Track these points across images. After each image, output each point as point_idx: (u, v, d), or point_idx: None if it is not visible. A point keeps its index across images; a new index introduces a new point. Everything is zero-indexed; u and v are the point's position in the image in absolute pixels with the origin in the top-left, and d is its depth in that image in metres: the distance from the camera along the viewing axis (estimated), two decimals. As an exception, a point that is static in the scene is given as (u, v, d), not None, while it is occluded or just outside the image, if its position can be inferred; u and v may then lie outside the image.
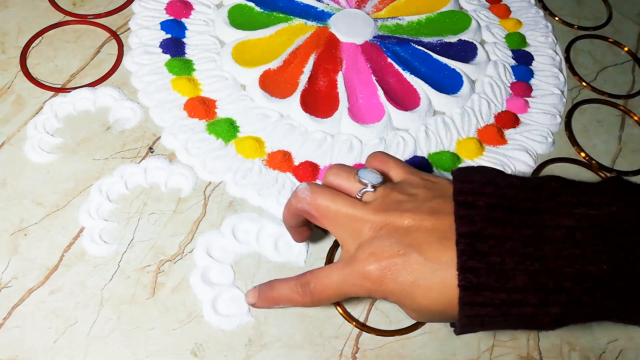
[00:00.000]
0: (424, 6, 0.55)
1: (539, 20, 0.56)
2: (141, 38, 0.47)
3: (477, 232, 0.26)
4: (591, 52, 0.55)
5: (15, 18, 0.47)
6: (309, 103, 0.46)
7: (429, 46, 0.51)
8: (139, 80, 0.45)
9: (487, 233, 0.25)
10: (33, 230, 0.37)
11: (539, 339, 0.37)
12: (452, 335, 0.36)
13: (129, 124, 0.43)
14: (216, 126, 0.43)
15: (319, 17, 0.52)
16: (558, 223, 0.25)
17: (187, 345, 0.34)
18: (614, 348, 0.38)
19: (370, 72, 0.49)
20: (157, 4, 0.50)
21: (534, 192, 0.27)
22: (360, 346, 0.36)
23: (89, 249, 0.37)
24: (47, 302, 0.35)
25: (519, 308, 0.25)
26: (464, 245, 0.25)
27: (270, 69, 0.47)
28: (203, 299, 0.36)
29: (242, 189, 0.40)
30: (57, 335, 0.34)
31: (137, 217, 0.39)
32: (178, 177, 0.40)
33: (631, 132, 0.50)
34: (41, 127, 0.41)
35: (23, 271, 0.36)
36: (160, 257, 0.37)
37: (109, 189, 0.39)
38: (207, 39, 0.48)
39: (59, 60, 0.45)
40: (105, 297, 0.35)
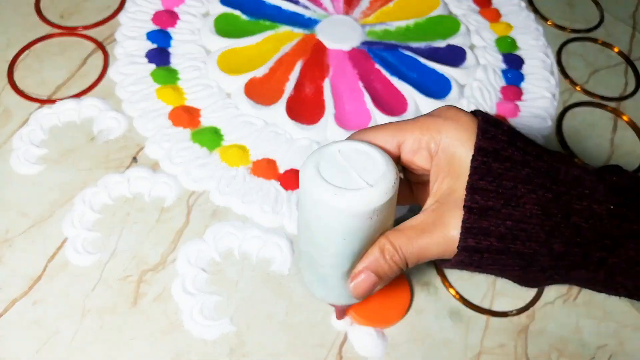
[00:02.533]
0: (413, 11, 0.55)
1: (530, 23, 0.56)
2: (127, 48, 0.47)
3: (497, 150, 0.25)
4: (583, 55, 0.55)
5: (5, 32, 0.48)
6: (295, 110, 0.45)
7: (418, 51, 0.51)
8: (123, 90, 0.45)
9: (506, 154, 0.25)
10: (17, 240, 0.38)
11: (527, 345, 0.37)
12: (439, 342, 0.36)
13: (113, 134, 0.43)
14: (200, 135, 0.43)
15: (306, 24, 0.52)
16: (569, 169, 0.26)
17: (168, 355, 0.34)
18: (604, 354, 0.37)
19: (357, 78, 0.49)
20: (143, 15, 0.50)
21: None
22: (344, 354, 0.35)
23: (72, 259, 0.37)
24: (30, 312, 0.35)
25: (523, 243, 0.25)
26: (480, 162, 0.25)
27: (256, 76, 0.47)
28: (184, 308, 0.36)
29: (226, 197, 0.40)
30: (39, 344, 0.34)
31: (121, 227, 0.39)
32: (161, 187, 0.40)
33: (623, 135, 0.49)
34: (27, 139, 0.41)
35: (7, 281, 0.36)
36: (143, 267, 0.37)
37: (92, 199, 0.39)
38: (193, 48, 0.49)
39: (46, 72, 0.46)
40: (87, 306, 0.35)
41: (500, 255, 0.25)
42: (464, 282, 0.39)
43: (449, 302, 0.38)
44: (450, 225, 0.26)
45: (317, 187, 0.24)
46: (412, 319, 0.37)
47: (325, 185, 0.24)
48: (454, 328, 0.37)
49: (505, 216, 0.25)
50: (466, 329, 0.37)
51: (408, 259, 0.27)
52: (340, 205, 0.24)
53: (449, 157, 0.26)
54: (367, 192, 0.24)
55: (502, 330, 0.37)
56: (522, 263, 0.26)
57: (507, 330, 0.37)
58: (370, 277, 0.27)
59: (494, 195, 0.25)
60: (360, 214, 0.24)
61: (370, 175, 0.25)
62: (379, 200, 0.24)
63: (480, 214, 0.25)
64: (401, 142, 0.27)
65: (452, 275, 0.39)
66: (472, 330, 0.37)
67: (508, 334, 0.37)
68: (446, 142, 0.26)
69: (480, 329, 0.37)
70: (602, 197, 0.25)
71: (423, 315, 0.37)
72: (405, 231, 0.27)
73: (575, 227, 0.25)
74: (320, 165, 0.25)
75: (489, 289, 0.39)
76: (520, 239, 0.25)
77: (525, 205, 0.25)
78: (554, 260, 0.25)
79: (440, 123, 0.26)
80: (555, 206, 0.25)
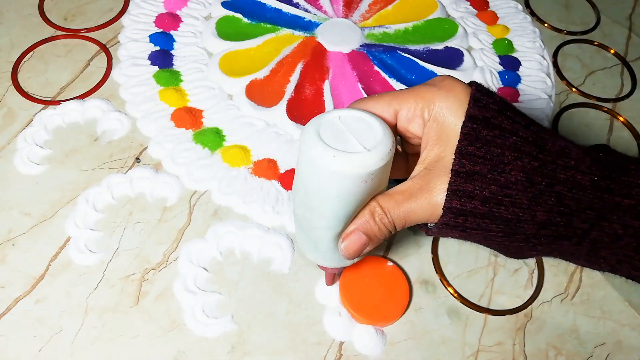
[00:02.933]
0: (411, 14, 0.55)
1: (527, 26, 0.57)
2: (130, 51, 0.48)
3: (487, 118, 0.26)
4: (579, 57, 0.55)
5: (8, 34, 0.48)
6: (295, 111, 0.46)
7: (416, 53, 0.52)
8: (127, 92, 0.45)
9: (495, 122, 0.26)
10: (21, 240, 0.38)
11: (525, 343, 0.37)
12: (437, 341, 0.36)
13: (116, 135, 0.43)
14: (202, 135, 0.44)
15: (306, 27, 0.52)
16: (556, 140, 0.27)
17: (170, 353, 0.34)
18: (601, 352, 0.37)
19: (357, 80, 0.49)
20: (146, 17, 0.51)
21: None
22: (344, 352, 0.36)
23: (75, 258, 0.37)
24: (32, 310, 0.35)
25: (507, 208, 0.25)
26: (469, 129, 0.26)
27: (257, 78, 0.48)
28: (186, 307, 0.36)
29: (227, 197, 0.41)
30: (42, 343, 0.34)
31: (123, 226, 0.39)
32: (164, 187, 0.41)
33: (620, 135, 0.50)
34: (30, 140, 0.42)
35: (10, 280, 0.36)
36: (145, 266, 0.38)
37: (95, 199, 0.40)
38: (195, 51, 0.49)
39: (50, 73, 0.46)
40: (90, 305, 0.36)
41: (484, 219, 0.26)
42: (462, 281, 0.39)
43: (448, 301, 0.38)
44: (436, 189, 0.26)
45: (317, 149, 0.25)
46: (410, 317, 0.37)
47: (325, 147, 0.25)
48: (452, 326, 0.37)
49: (491, 181, 0.25)
50: (464, 327, 0.37)
51: (396, 222, 0.28)
52: (337, 168, 0.25)
53: (439, 125, 0.27)
54: (364, 156, 0.25)
55: (500, 329, 0.38)
56: (506, 229, 0.26)
57: (505, 329, 0.38)
58: (360, 237, 0.28)
59: (481, 161, 0.25)
60: (356, 177, 0.25)
61: (367, 141, 0.26)
62: (374, 164, 0.25)
63: (466, 178, 0.25)
64: (397, 110, 0.28)
65: (450, 274, 0.40)
66: (470, 328, 0.37)
67: (506, 332, 0.38)
68: (438, 110, 0.27)
69: (479, 327, 0.37)
70: (586, 169, 0.26)
71: (422, 314, 0.38)
72: (394, 195, 0.28)
73: (558, 196, 0.25)
74: (321, 130, 0.26)
75: (487, 288, 0.39)
76: (504, 204, 0.25)
77: (511, 171, 0.25)
78: (537, 229, 0.26)
79: (434, 92, 0.27)
80: (540, 174, 0.25)
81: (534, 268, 0.41)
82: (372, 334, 0.36)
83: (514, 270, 0.40)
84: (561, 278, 0.40)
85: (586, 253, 0.27)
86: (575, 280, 0.40)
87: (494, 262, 0.41)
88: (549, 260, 0.41)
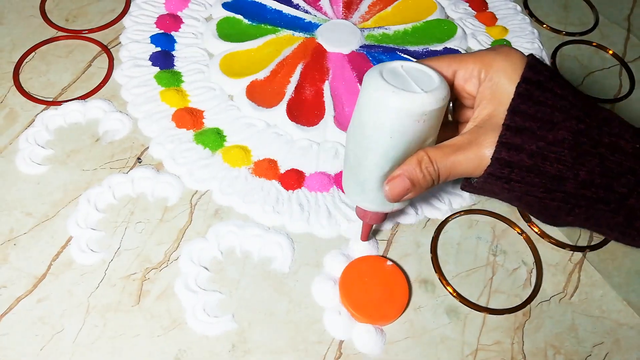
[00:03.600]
0: (410, 15, 0.56)
1: (525, 27, 0.57)
2: (131, 51, 0.48)
3: (541, 80, 0.27)
4: (578, 58, 0.56)
5: (10, 34, 0.49)
6: (295, 112, 0.46)
7: (415, 54, 0.52)
8: (128, 92, 0.46)
9: (547, 86, 0.27)
10: (22, 240, 0.38)
11: (524, 342, 0.37)
12: (436, 340, 0.37)
13: (118, 135, 0.44)
14: (203, 136, 0.44)
15: (306, 28, 0.53)
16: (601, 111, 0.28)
17: (171, 352, 0.35)
18: (600, 351, 0.38)
19: (356, 80, 0.49)
20: (147, 18, 0.51)
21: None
22: (343, 351, 0.36)
23: (76, 257, 0.38)
24: (34, 310, 0.36)
25: (552, 164, 0.27)
26: (523, 89, 0.27)
27: (257, 79, 0.48)
28: (187, 306, 0.36)
29: (228, 197, 0.41)
30: (43, 342, 0.34)
31: (124, 226, 0.39)
32: (165, 187, 0.41)
33: (618, 136, 0.50)
34: (32, 140, 0.42)
35: (12, 280, 0.37)
36: (146, 265, 0.38)
37: (97, 198, 0.40)
38: (196, 52, 0.50)
39: (51, 74, 0.47)
40: (91, 304, 0.36)
41: (529, 173, 0.27)
42: (461, 280, 0.40)
43: (447, 300, 0.39)
44: (485, 144, 0.28)
45: (378, 85, 0.28)
46: (410, 316, 0.38)
47: (385, 84, 0.28)
48: (451, 325, 0.38)
49: (539, 137, 0.27)
50: (463, 326, 0.38)
51: (441, 172, 0.29)
52: (395, 103, 0.27)
53: (494, 85, 0.29)
54: (420, 96, 0.27)
55: (498, 328, 0.38)
56: (548, 185, 0.28)
57: (504, 328, 0.38)
58: (405, 181, 0.30)
59: (532, 119, 0.27)
60: (411, 114, 0.27)
61: (425, 85, 0.28)
62: (429, 105, 0.27)
63: (516, 132, 0.27)
64: (456, 70, 0.30)
65: (449, 273, 0.40)
66: (469, 327, 0.38)
67: (505, 331, 0.38)
68: (495, 72, 0.29)
69: (477, 326, 0.38)
70: (629, 137, 0.28)
71: (421, 313, 0.38)
72: (443, 147, 0.30)
73: (601, 158, 0.27)
74: (383, 72, 0.29)
75: (485, 287, 0.40)
76: (550, 159, 0.27)
77: (559, 130, 0.27)
78: (577, 188, 0.27)
79: (492, 55, 0.29)
80: (586, 136, 0.27)
81: (533, 267, 0.41)
82: (372, 332, 0.36)
83: (512, 270, 0.41)
84: (560, 277, 0.41)
85: (622, 223, 0.28)
86: (574, 280, 0.41)
87: (493, 262, 0.41)
88: (548, 260, 0.41)
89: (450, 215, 0.43)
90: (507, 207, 0.44)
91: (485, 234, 0.42)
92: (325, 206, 0.41)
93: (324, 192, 0.42)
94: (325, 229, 0.40)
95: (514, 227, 0.43)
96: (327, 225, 0.40)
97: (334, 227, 0.40)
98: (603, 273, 0.41)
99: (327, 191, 0.42)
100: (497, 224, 0.43)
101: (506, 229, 0.43)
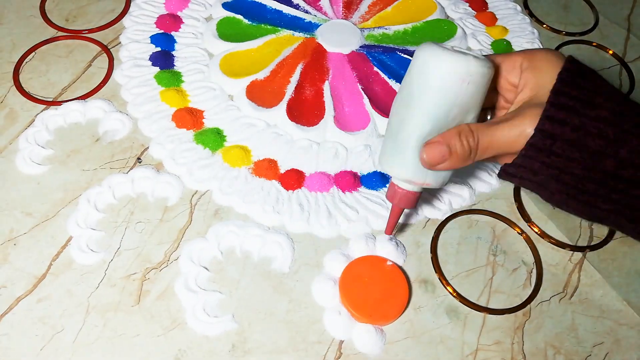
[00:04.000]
0: (410, 15, 0.56)
1: (525, 27, 0.57)
2: (131, 51, 0.48)
3: (582, 70, 0.29)
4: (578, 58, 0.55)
5: (10, 34, 0.49)
6: (295, 112, 0.46)
7: (415, 54, 0.52)
8: (128, 92, 0.46)
9: (590, 76, 0.29)
10: (22, 240, 0.38)
11: (524, 342, 0.37)
12: (436, 340, 0.37)
13: (118, 135, 0.44)
14: (203, 136, 0.44)
15: (306, 28, 0.53)
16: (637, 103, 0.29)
17: (171, 352, 0.35)
18: (600, 351, 0.38)
19: (356, 80, 0.49)
20: (147, 19, 0.51)
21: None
22: (343, 351, 0.36)
23: (76, 257, 0.38)
24: (34, 310, 0.36)
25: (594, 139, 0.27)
26: (565, 76, 0.28)
27: (257, 79, 0.48)
28: (187, 306, 0.36)
29: (228, 197, 0.41)
30: (43, 342, 0.34)
31: (124, 226, 0.39)
32: (165, 187, 0.41)
33: (618, 136, 0.50)
34: (32, 140, 0.42)
35: (12, 280, 0.37)
36: (146, 265, 0.38)
37: (97, 198, 0.40)
38: (196, 52, 0.50)
39: (51, 74, 0.47)
40: (91, 304, 0.36)
41: (570, 146, 0.28)
42: (461, 280, 0.40)
43: (447, 300, 0.39)
44: (527, 120, 0.29)
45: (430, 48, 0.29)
46: (410, 317, 0.38)
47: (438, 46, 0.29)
48: (451, 325, 0.38)
49: (582, 114, 0.28)
50: (463, 326, 0.38)
51: (480, 144, 0.30)
52: (444, 59, 0.28)
53: (537, 72, 0.30)
54: (467, 57, 0.29)
55: (498, 328, 0.38)
56: (588, 161, 0.28)
57: (504, 328, 0.38)
58: (442, 148, 0.30)
59: (575, 99, 0.28)
60: (458, 72, 0.28)
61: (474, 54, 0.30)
62: (475, 66, 0.28)
63: (560, 107, 0.28)
64: (499, 63, 0.31)
65: (449, 273, 0.40)
66: (469, 327, 0.38)
67: (504, 331, 0.38)
68: (538, 61, 0.30)
69: (477, 326, 0.38)
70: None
71: (421, 313, 0.38)
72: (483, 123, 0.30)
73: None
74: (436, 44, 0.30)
75: (485, 287, 0.40)
76: (592, 134, 0.28)
77: (601, 110, 0.28)
78: (617, 167, 0.28)
79: (535, 50, 0.31)
80: (627, 117, 0.28)
81: (533, 267, 0.41)
82: (372, 332, 0.36)
83: (512, 270, 0.41)
84: (560, 277, 0.41)
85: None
86: (574, 280, 0.41)
87: (493, 262, 0.41)
88: (548, 260, 0.41)
89: (450, 215, 0.43)
90: (507, 207, 0.44)
91: (485, 234, 0.42)
92: (325, 206, 0.41)
93: (324, 192, 0.42)
94: (325, 229, 0.40)
95: (514, 227, 0.43)
96: (327, 225, 0.40)
97: (334, 227, 0.40)
98: (603, 273, 0.41)
99: (327, 191, 0.42)
100: (497, 224, 0.43)
101: (506, 229, 0.43)
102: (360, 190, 0.43)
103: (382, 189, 0.43)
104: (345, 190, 0.42)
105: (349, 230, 0.40)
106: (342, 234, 0.41)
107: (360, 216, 0.41)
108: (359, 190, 0.43)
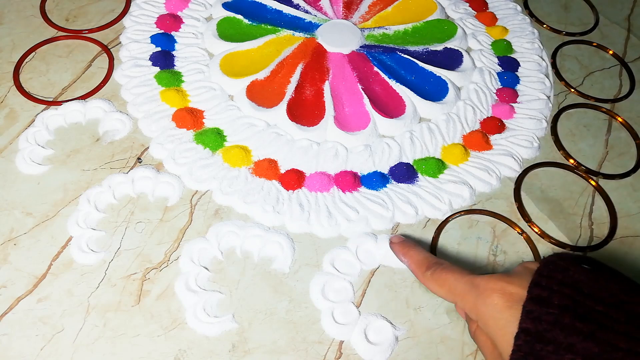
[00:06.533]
0: (411, 15, 0.56)
1: (525, 27, 0.57)
2: (131, 51, 0.48)
3: (540, 332, 0.26)
4: (578, 58, 0.56)
5: (10, 34, 0.49)
6: (296, 112, 0.46)
7: (415, 54, 0.52)
8: (128, 92, 0.46)
9: (549, 336, 0.25)
10: (22, 240, 0.38)
11: (524, 343, 0.37)
12: (435, 340, 0.37)
13: (118, 135, 0.44)
14: (203, 136, 0.44)
15: (306, 28, 0.53)
16: (616, 344, 0.25)
17: (171, 352, 0.35)
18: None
19: (357, 80, 0.49)
20: (147, 18, 0.51)
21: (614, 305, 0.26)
22: (344, 351, 0.36)
23: (76, 257, 0.38)
24: (34, 310, 0.36)
25: None
26: (522, 342, 0.26)
27: (257, 79, 0.48)
28: (187, 306, 0.36)
29: (228, 197, 0.41)
30: (44, 342, 0.34)
31: (125, 226, 0.39)
32: (165, 186, 0.41)
33: (618, 136, 0.50)
34: (32, 140, 0.42)
35: (12, 280, 0.37)
36: (147, 265, 0.38)
37: (97, 198, 0.40)
38: (196, 51, 0.50)
39: (51, 74, 0.47)
40: (91, 304, 0.36)
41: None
42: (461, 280, 0.40)
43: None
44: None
45: None
46: (410, 316, 0.38)
47: None
48: (451, 325, 0.38)
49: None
50: (463, 326, 0.38)
51: (432, 276, 0.33)
52: None
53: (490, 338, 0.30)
54: None
55: (499, 328, 0.38)
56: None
57: (504, 328, 0.38)
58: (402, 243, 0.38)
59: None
60: None
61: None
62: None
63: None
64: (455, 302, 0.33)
65: (450, 273, 0.40)
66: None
67: (505, 331, 0.38)
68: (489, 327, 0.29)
69: (478, 326, 0.38)
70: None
71: (421, 313, 0.38)
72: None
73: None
74: None
75: (486, 287, 0.39)
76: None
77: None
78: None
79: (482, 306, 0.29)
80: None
81: (533, 267, 0.41)
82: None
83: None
84: (560, 277, 0.41)
85: None
86: (574, 280, 0.41)
87: (493, 262, 0.41)
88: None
89: (450, 215, 0.43)
90: (507, 207, 0.44)
91: (485, 234, 0.42)
92: (325, 206, 0.41)
93: (324, 192, 0.42)
94: (325, 229, 0.40)
95: (514, 227, 0.43)
96: (327, 225, 0.40)
97: (334, 227, 0.40)
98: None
99: (327, 191, 0.42)
100: (497, 224, 0.43)
101: (506, 229, 0.43)
102: (360, 190, 0.43)
103: (382, 189, 0.43)
104: (345, 190, 0.42)
105: (349, 230, 0.40)
106: (342, 234, 0.41)
107: (360, 216, 0.41)
108: (359, 190, 0.43)
